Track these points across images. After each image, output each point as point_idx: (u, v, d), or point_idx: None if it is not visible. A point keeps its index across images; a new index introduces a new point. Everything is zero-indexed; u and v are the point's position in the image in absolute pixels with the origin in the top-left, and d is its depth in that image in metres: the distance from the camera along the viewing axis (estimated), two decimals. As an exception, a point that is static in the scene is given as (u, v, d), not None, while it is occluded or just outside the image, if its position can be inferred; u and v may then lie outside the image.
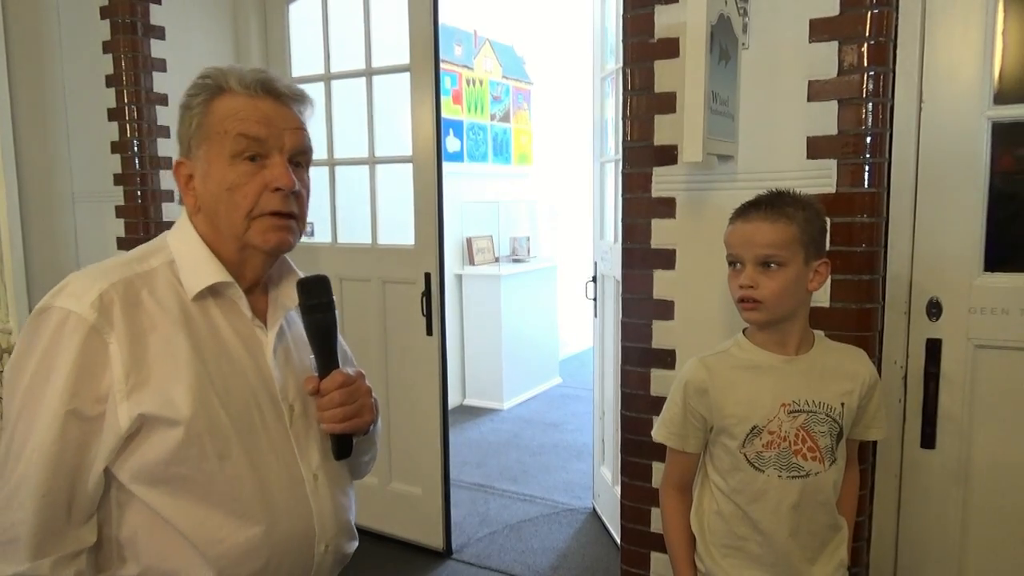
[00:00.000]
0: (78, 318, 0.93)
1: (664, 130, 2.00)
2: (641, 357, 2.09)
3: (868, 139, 1.77)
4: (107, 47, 2.82)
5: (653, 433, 1.51)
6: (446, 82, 4.68)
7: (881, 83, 1.76)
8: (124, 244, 2.90)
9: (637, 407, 2.10)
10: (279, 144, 1.03)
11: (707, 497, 1.46)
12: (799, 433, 1.37)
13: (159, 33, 2.84)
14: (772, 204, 1.35)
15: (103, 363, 0.94)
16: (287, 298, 1.11)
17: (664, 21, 1.96)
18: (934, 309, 1.83)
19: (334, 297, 1.10)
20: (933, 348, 1.83)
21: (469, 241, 5.26)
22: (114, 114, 2.84)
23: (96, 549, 0.99)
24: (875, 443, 1.90)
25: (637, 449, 2.11)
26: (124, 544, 0.99)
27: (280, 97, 1.06)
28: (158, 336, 0.98)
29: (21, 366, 0.95)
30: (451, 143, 4.98)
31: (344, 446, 1.09)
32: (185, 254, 1.04)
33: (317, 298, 1.06)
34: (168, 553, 0.97)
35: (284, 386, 1.08)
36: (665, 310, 2.05)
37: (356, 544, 1.20)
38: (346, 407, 1.06)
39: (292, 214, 1.06)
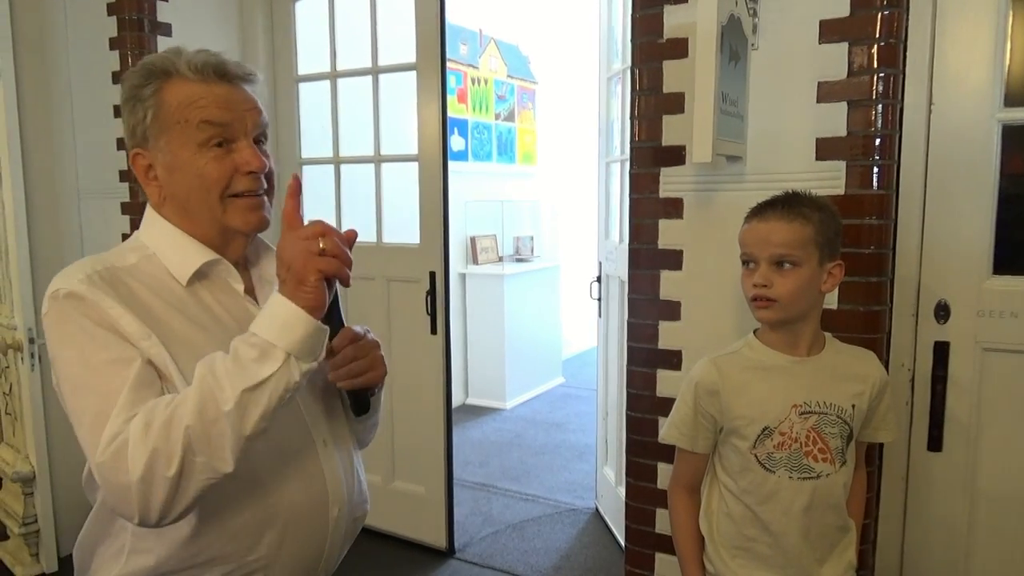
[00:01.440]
0: (68, 291, 0.94)
1: (672, 130, 2.00)
2: (647, 358, 2.09)
3: (877, 141, 1.77)
4: (114, 44, 2.81)
5: (662, 434, 1.50)
6: (451, 81, 4.67)
7: (891, 85, 1.75)
8: (129, 241, 2.90)
9: (643, 408, 2.10)
10: (243, 127, 1.04)
11: (716, 498, 1.46)
12: (810, 434, 1.37)
13: (166, 30, 2.83)
14: (789, 204, 1.35)
15: (107, 317, 0.94)
16: (270, 273, 1.10)
17: (673, 21, 1.96)
18: (942, 312, 1.83)
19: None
20: (941, 351, 1.83)
21: (473, 240, 5.26)
22: (120, 111, 2.83)
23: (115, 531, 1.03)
24: (882, 446, 1.90)
25: (642, 450, 2.10)
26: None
27: (233, 80, 1.06)
28: (155, 316, 0.98)
29: (52, 354, 0.97)
30: (456, 142, 4.97)
31: (362, 402, 1.12)
32: (165, 244, 1.04)
33: None
34: (185, 522, 0.98)
35: None
36: (672, 311, 2.04)
37: (368, 506, 1.21)
38: (360, 361, 1.07)
39: (263, 192, 1.07)
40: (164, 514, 0.89)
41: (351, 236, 0.97)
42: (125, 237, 2.89)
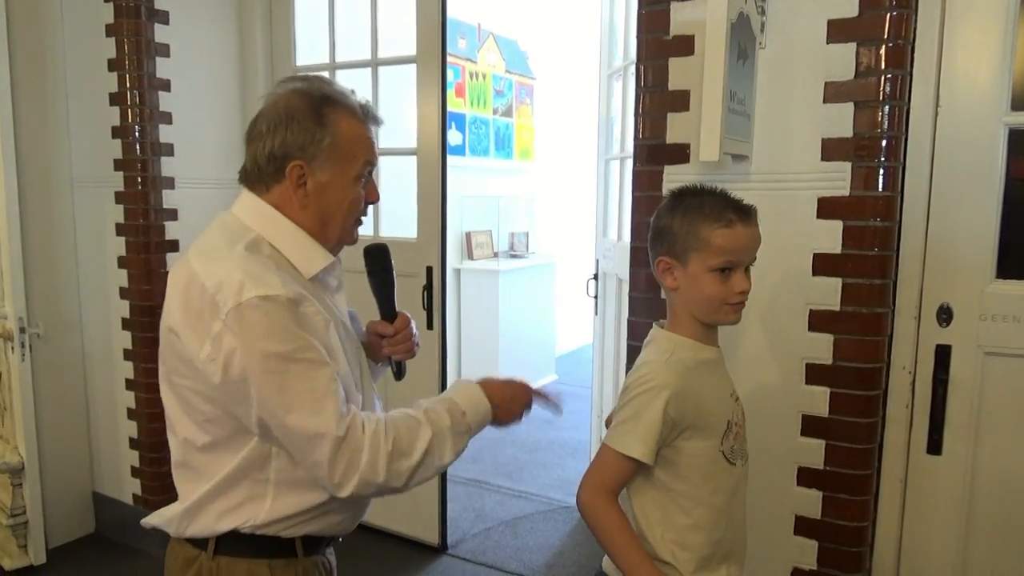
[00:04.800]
0: (281, 297, 1.09)
1: (677, 128, 1.98)
2: (647, 357, 2.08)
3: (883, 142, 1.76)
4: (110, 30, 2.78)
5: (624, 448, 1.28)
6: (449, 75, 4.64)
7: (898, 86, 1.74)
8: (123, 231, 2.86)
9: (642, 407, 2.09)
10: (376, 165, 1.28)
11: (677, 515, 1.34)
12: (742, 419, 1.40)
13: (163, 18, 2.80)
14: (748, 208, 1.32)
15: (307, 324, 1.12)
16: (339, 273, 1.33)
17: (680, 18, 1.94)
18: (944, 315, 1.82)
19: None
20: (942, 354, 1.82)
21: (468, 236, 5.24)
22: (116, 98, 2.80)
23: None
24: (881, 448, 1.90)
25: (641, 449, 2.09)
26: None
27: (376, 123, 1.29)
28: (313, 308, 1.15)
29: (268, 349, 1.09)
30: (453, 136, 4.95)
31: (403, 370, 1.47)
32: (290, 241, 1.20)
33: (383, 262, 1.39)
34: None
35: (357, 345, 1.33)
36: (673, 310, 2.03)
37: None
38: (410, 340, 1.42)
39: None
40: (356, 493, 1.11)
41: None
42: (119, 227, 2.86)
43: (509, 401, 1.30)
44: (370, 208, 1.32)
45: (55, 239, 2.97)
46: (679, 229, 1.30)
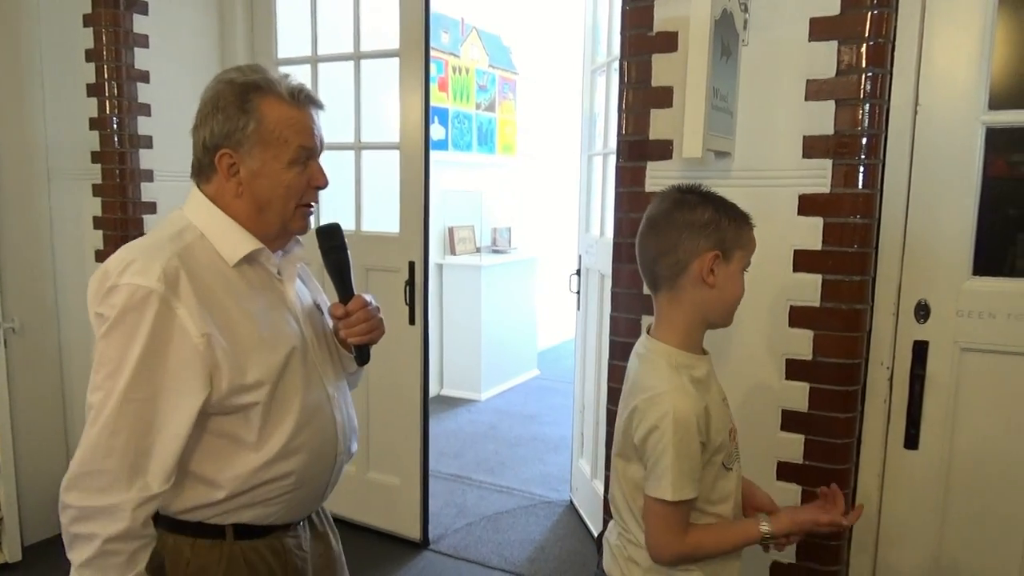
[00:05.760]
0: (147, 291, 1.08)
1: (660, 125, 1.99)
2: (630, 352, 2.08)
3: (864, 140, 1.77)
4: (87, 20, 2.74)
5: (682, 495, 1.22)
6: (432, 69, 4.63)
7: (879, 84, 1.76)
8: (101, 224, 2.83)
9: (624, 402, 2.10)
10: (318, 149, 1.26)
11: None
12: (734, 423, 1.38)
13: (142, 8, 2.76)
14: None
15: (175, 327, 1.11)
16: (295, 257, 1.33)
17: (663, 15, 1.95)
18: (922, 311, 1.84)
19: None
20: (920, 350, 1.85)
21: (451, 231, 5.23)
22: (93, 90, 2.76)
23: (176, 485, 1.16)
24: (859, 444, 1.92)
25: (622, 444, 2.10)
26: (203, 472, 1.18)
27: (314, 105, 1.25)
28: (215, 298, 1.16)
29: (107, 335, 1.10)
30: (436, 131, 4.93)
31: (365, 354, 1.37)
32: (216, 229, 1.21)
33: (335, 241, 1.34)
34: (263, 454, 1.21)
35: (303, 326, 1.30)
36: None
37: (357, 440, 1.42)
38: (368, 322, 1.33)
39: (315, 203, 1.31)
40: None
41: None
42: (96, 220, 2.82)
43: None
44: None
45: (31, 232, 2.92)
46: (728, 225, 1.26)
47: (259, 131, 1.18)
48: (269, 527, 1.26)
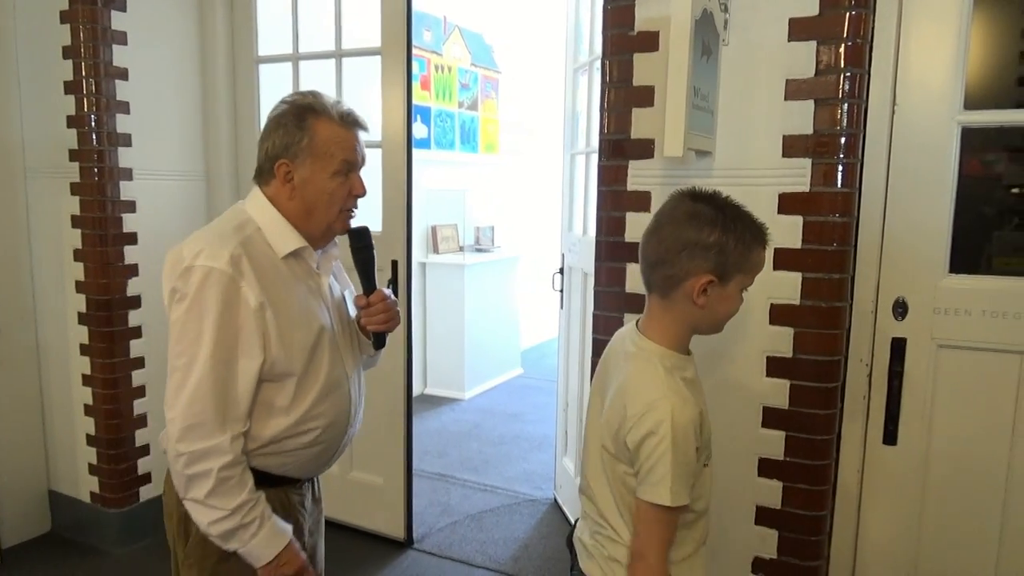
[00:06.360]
0: (220, 272, 1.30)
1: (641, 124, 2.00)
2: (612, 350, 2.09)
3: (843, 139, 1.79)
4: (65, 17, 2.70)
5: (669, 501, 1.20)
6: (414, 67, 4.62)
7: (857, 84, 1.78)
8: (79, 223, 2.79)
9: (606, 400, 2.10)
10: (359, 164, 1.46)
11: None
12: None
13: (120, 4, 2.73)
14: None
15: (240, 300, 1.32)
16: (331, 256, 1.55)
17: (644, 14, 1.96)
18: (900, 309, 1.87)
19: None
20: (898, 347, 1.87)
21: (434, 229, 5.22)
22: (71, 87, 2.73)
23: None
24: (839, 440, 1.94)
25: (605, 442, 2.11)
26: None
27: (359, 127, 1.46)
28: (268, 280, 1.36)
29: (187, 309, 1.30)
30: (418, 129, 4.92)
31: (381, 340, 1.59)
32: (271, 225, 1.42)
33: (363, 241, 1.55)
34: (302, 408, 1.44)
35: (331, 313, 1.50)
36: (638, 303, 2.05)
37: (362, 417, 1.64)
38: (387, 313, 1.55)
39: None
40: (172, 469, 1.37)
41: None
42: (74, 219, 2.79)
43: (280, 566, 1.39)
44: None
45: (7, 231, 2.88)
46: (733, 249, 1.22)
47: (311, 145, 1.40)
48: (281, 478, 1.46)
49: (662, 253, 1.26)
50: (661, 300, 1.29)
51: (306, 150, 1.40)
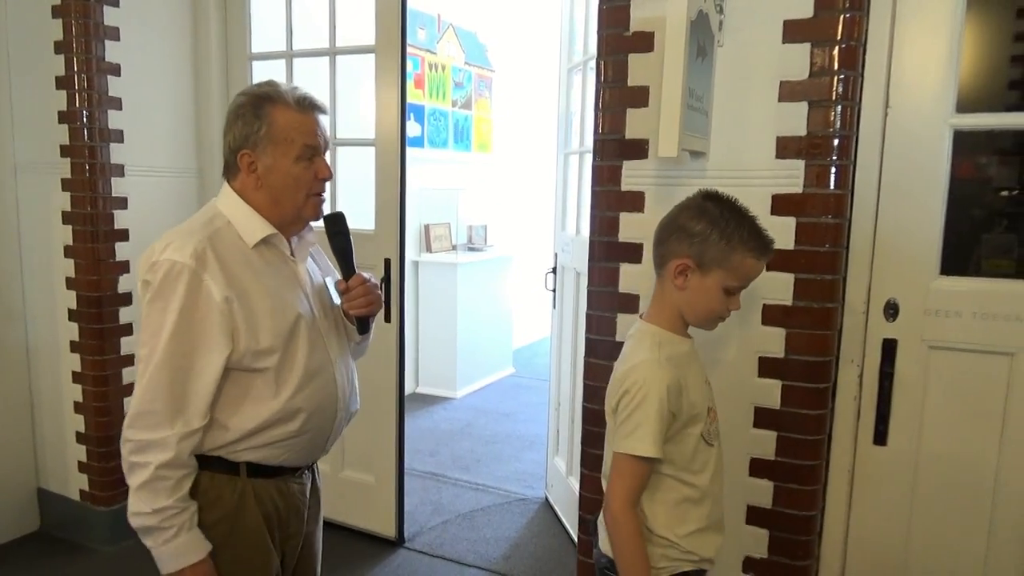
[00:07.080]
0: (182, 265, 1.32)
1: (636, 124, 2.00)
2: (605, 350, 2.10)
3: (836, 141, 1.80)
4: (57, 11, 2.69)
5: (635, 450, 1.33)
6: (408, 65, 4.61)
7: (850, 86, 1.79)
8: (70, 219, 2.78)
9: (599, 399, 2.11)
10: (322, 147, 1.47)
11: (671, 495, 1.42)
12: (715, 403, 1.49)
13: (113, 0, 2.72)
14: (772, 241, 1.42)
15: (202, 293, 1.33)
16: (307, 242, 1.56)
17: (640, 15, 1.96)
18: (891, 310, 1.88)
19: None
20: (889, 348, 1.88)
21: (427, 228, 5.21)
22: (62, 82, 2.72)
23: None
24: (830, 440, 1.95)
25: (598, 441, 2.12)
26: (219, 417, 1.39)
27: (317, 111, 1.46)
28: (235, 273, 1.38)
29: (151, 302, 1.33)
30: (412, 128, 4.91)
31: (365, 325, 1.60)
32: (239, 217, 1.44)
33: (339, 227, 1.56)
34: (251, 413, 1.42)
35: (311, 300, 1.51)
36: (631, 303, 2.06)
37: (359, 403, 1.66)
38: (366, 297, 1.55)
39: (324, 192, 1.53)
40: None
41: None
42: (65, 215, 2.78)
43: None
44: (329, 194, 1.48)
45: (-3, 227, 2.87)
46: (715, 242, 1.35)
47: (270, 133, 1.41)
48: (278, 469, 1.48)
49: (659, 233, 1.43)
50: (657, 280, 1.45)
51: (265, 138, 1.41)
